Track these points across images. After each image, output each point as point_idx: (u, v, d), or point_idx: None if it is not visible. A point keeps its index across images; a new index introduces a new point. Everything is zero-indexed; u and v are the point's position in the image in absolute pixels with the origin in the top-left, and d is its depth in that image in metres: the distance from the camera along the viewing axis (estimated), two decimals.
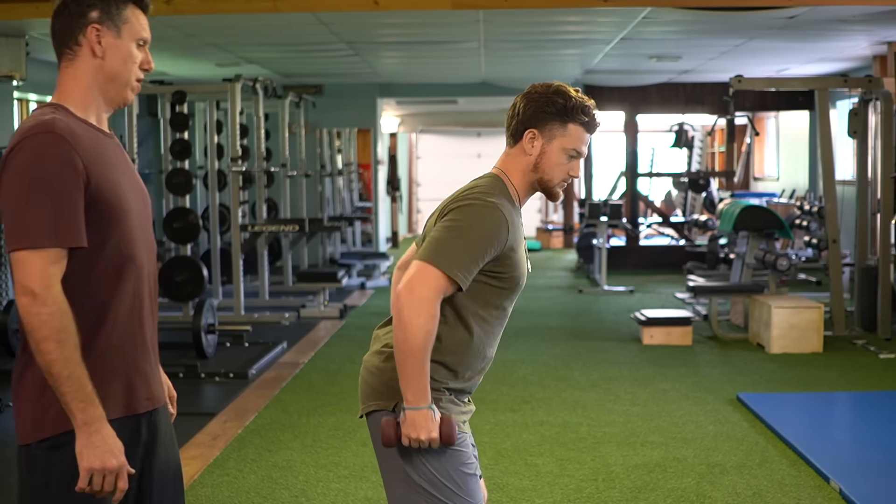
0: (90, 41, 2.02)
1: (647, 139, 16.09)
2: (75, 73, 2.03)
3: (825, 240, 8.23)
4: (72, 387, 1.89)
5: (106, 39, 2.03)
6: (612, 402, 5.75)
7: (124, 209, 2.01)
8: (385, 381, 2.30)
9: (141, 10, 2.10)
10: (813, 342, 7.14)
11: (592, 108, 2.34)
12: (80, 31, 2.02)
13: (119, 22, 2.04)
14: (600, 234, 10.90)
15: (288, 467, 4.58)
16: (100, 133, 2.04)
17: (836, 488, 4.15)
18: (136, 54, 2.08)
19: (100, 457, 1.91)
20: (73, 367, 1.88)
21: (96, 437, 1.91)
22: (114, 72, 2.04)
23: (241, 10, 6.19)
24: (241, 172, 8.57)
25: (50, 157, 1.90)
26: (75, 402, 1.90)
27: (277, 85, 11.08)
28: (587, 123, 2.33)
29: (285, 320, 8.57)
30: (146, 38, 2.10)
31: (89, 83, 2.04)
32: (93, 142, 1.99)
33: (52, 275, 1.89)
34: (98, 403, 1.92)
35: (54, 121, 1.93)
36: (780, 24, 7.57)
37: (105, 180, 1.97)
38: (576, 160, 2.35)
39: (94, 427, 1.91)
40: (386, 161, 15.69)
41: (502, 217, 2.25)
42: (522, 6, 6.34)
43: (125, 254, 2.02)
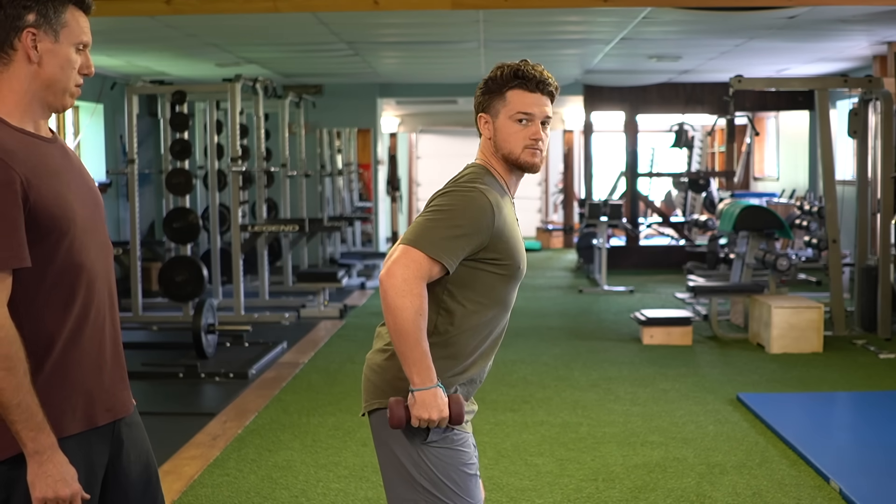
0: (25, 46, 1.90)
1: (647, 139, 16.08)
2: (10, 80, 1.92)
3: (825, 240, 8.23)
4: (21, 415, 1.83)
5: (43, 44, 1.91)
6: (612, 402, 5.75)
7: (70, 218, 1.92)
8: (388, 379, 2.29)
9: (82, 11, 1.97)
10: (813, 342, 7.14)
11: (529, 68, 2.33)
12: (15, 35, 1.90)
13: (57, 26, 1.92)
14: (600, 234, 10.90)
15: (288, 467, 4.58)
16: (39, 140, 1.95)
17: (836, 488, 4.15)
18: (74, 59, 1.95)
19: (52, 486, 1.87)
20: (22, 394, 1.82)
21: (48, 466, 1.86)
22: (51, 78, 1.93)
23: (241, 10, 6.19)
24: (241, 172, 8.57)
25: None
26: (25, 431, 1.84)
27: (277, 85, 11.09)
28: (525, 82, 2.32)
29: (285, 320, 8.57)
30: (87, 42, 1.98)
31: (25, 90, 1.92)
32: (30, 153, 1.90)
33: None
34: (49, 431, 1.87)
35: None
36: (780, 24, 7.57)
37: (46, 192, 1.88)
38: (531, 123, 2.31)
39: (46, 456, 1.86)
40: (386, 161, 15.69)
41: (486, 201, 2.23)
42: (522, 6, 6.34)
43: (76, 263, 1.94)
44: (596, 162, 13.30)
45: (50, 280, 1.91)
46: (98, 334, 2.01)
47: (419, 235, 2.20)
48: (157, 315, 8.74)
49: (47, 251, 1.89)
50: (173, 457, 4.74)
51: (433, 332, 2.25)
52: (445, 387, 2.24)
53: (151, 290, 9.91)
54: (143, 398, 6.00)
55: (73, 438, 1.94)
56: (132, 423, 2.11)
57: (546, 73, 2.36)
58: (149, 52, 8.92)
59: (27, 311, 1.88)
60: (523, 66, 2.35)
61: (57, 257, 1.91)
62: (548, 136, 2.37)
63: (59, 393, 1.93)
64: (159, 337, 8.00)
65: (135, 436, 2.10)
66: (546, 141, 2.36)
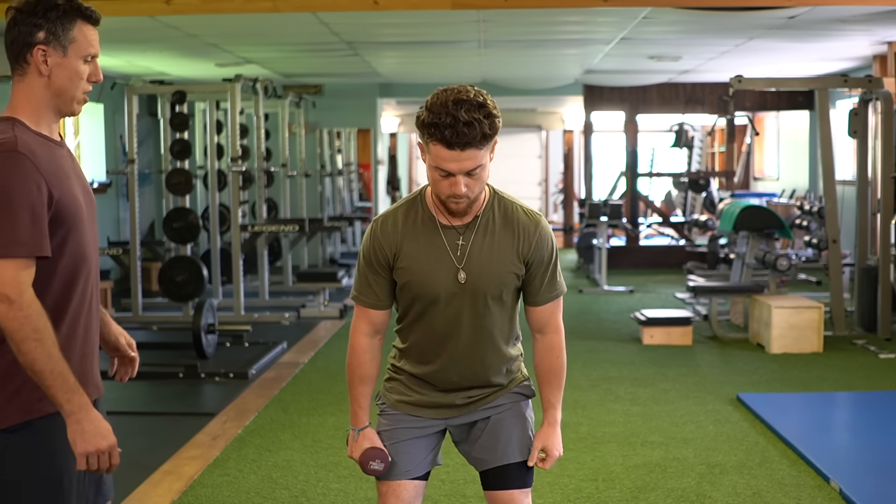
0: (36, 61, 2.11)
1: (647, 139, 16.08)
2: (25, 89, 2.14)
3: (825, 240, 8.23)
4: (55, 380, 2.03)
5: (52, 59, 2.11)
6: (612, 402, 5.75)
7: (78, 215, 2.15)
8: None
9: (91, 25, 2.16)
10: (813, 342, 7.14)
11: (446, 118, 2.23)
12: (28, 51, 2.11)
13: (66, 41, 2.12)
14: (600, 234, 10.90)
15: (288, 467, 4.58)
16: (52, 143, 2.16)
17: (836, 488, 4.15)
18: (82, 70, 2.16)
19: (91, 440, 2.07)
20: (54, 362, 2.03)
21: (85, 423, 2.06)
22: (60, 88, 2.14)
23: (241, 10, 6.19)
24: (241, 172, 8.57)
25: (16, 174, 2.02)
26: (61, 394, 2.04)
27: (277, 85, 11.09)
28: (441, 139, 2.25)
29: (285, 320, 8.57)
30: (94, 54, 2.17)
31: (39, 98, 2.14)
32: (50, 155, 2.11)
33: (23, 281, 2.03)
34: (82, 392, 2.07)
35: (16, 140, 2.05)
36: (780, 24, 7.56)
37: (64, 192, 2.11)
38: (452, 177, 2.29)
39: (82, 414, 2.06)
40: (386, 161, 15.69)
41: (372, 230, 2.46)
42: (522, 6, 6.34)
43: (80, 254, 2.16)
44: (596, 162, 13.30)
45: (60, 269, 2.12)
46: (92, 319, 2.23)
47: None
48: (157, 315, 8.74)
49: (60, 243, 2.10)
50: (173, 457, 4.74)
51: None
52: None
53: (151, 290, 9.92)
54: (143, 398, 6.01)
55: None
56: (100, 401, 2.32)
57: (468, 123, 2.22)
58: (149, 52, 8.91)
59: (41, 295, 2.07)
60: (445, 112, 2.23)
61: (66, 249, 2.12)
62: (480, 177, 2.32)
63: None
64: (159, 337, 8.00)
65: (102, 412, 2.27)
66: (479, 182, 2.32)
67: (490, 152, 2.33)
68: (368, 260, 2.44)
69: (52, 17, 2.09)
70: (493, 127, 2.27)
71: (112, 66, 9.91)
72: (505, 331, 2.50)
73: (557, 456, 2.53)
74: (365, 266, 2.45)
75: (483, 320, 2.44)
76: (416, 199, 2.46)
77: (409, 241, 2.41)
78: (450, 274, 2.40)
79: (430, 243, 2.41)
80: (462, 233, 2.41)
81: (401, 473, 2.50)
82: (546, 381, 2.54)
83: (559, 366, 2.53)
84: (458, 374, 2.49)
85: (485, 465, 2.53)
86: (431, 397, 2.51)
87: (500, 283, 2.43)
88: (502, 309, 2.47)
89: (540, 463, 2.52)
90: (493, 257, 2.41)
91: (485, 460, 2.53)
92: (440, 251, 2.41)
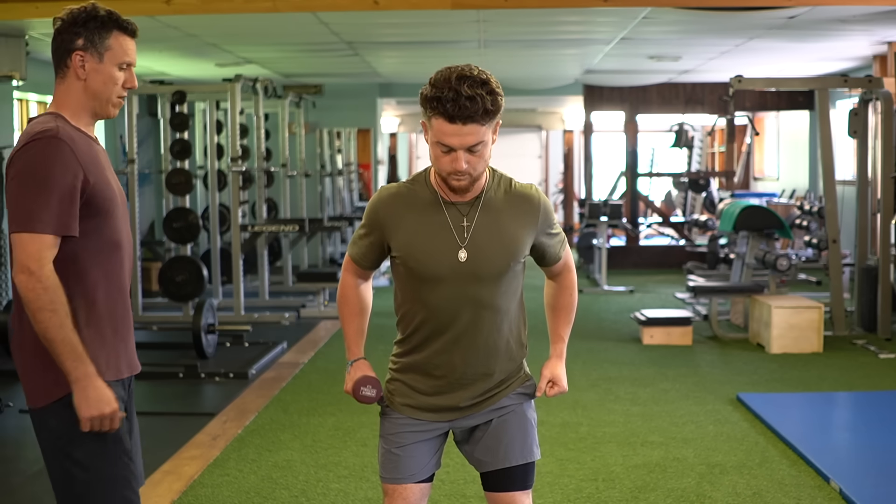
0: (75, 66, 2.34)
1: (647, 139, 16.08)
2: (66, 90, 2.38)
3: (825, 240, 8.23)
4: (65, 348, 2.23)
5: (89, 64, 2.35)
6: (612, 402, 5.75)
7: (116, 203, 2.37)
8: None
9: (128, 35, 2.38)
10: (813, 342, 7.14)
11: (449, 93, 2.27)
12: (68, 56, 2.35)
13: (102, 49, 2.35)
14: (600, 234, 10.90)
15: (288, 467, 4.58)
16: (90, 139, 2.38)
17: (836, 488, 4.15)
18: (117, 76, 2.38)
19: (94, 406, 2.26)
20: (65, 332, 2.23)
21: (90, 390, 2.26)
22: (95, 92, 2.37)
23: (241, 10, 6.19)
24: (241, 172, 8.57)
25: (54, 158, 2.24)
26: (69, 361, 2.24)
27: (277, 85, 11.08)
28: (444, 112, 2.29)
29: (285, 320, 8.57)
30: (129, 62, 2.39)
31: (77, 98, 2.37)
32: (87, 147, 2.34)
33: (45, 256, 2.23)
34: (88, 362, 2.26)
35: (58, 128, 2.28)
36: (780, 24, 7.56)
37: (99, 180, 2.32)
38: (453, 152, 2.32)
39: (88, 381, 2.26)
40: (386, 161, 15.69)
41: (377, 197, 2.48)
42: (522, 6, 6.33)
43: (115, 240, 2.38)
44: (596, 162, 13.30)
45: (96, 251, 2.34)
46: (123, 301, 2.43)
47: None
48: (157, 315, 8.74)
49: (96, 227, 2.32)
50: (173, 457, 4.74)
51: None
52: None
53: (151, 290, 9.92)
54: (143, 398, 6.00)
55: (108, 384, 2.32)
56: (132, 380, 2.50)
57: (470, 98, 2.26)
58: (149, 52, 8.91)
59: (76, 275, 2.31)
60: (448, 87, 2.26)
61: (103, 233, 2.35)
62: (482, 155, 2.33)
63: (98, 346, 2.33)
64: (159, 337, 8.00)
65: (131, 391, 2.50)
66: (480, 160, 2.34)
67: (493, 133, 2.35)
68: (366, 222, 2.50)
69: (91, 26, 2.33)
70: (495, 103, 2.30)
71: None
72: (510, 313, 2.50)
73: (564, 388, 2.64)
74: (362, 227, 2.52)
75: (486, 300, 2.44)
76: (420, 176, 2.48)
77: (410, 215, 2.42)
78: (450, 252, 2.40)
79: (431, 220, 2.41)
80: (466, 213, 2.42)
81: (406, 477, 2.50)
82: (557, 316, 2.68)
83: (571, 302, 2.69)
84: (462, 359, 2.47)
85: (486, 466, 2.53)
86: (435, 399, 2.50)
87: (507, 260, 2.44)
88: (506, 289, 2.47)
89: (548, 391, 2.62)
90: (498, 235, 2.42)
91: (486, 462, 2.53)
92: (442, 229, 2.41)
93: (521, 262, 2.50)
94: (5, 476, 4.52)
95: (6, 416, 5.50)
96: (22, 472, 4.58)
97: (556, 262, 2.61)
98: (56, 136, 2.25)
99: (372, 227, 2.48)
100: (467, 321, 2.44)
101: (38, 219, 2.22)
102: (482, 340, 2.47)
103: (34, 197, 2.23)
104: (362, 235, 2.51)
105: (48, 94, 9.65)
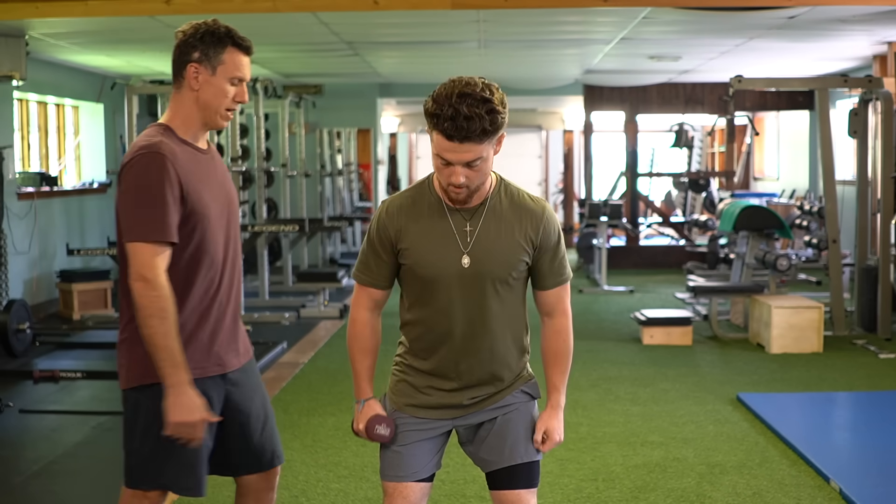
0: (189, 77, 2.49)
1: (647, 139, 16.08)
2: (179, 99, 2.52)
3: (825, 240, 8.23)
4: (166, 355, 2.38)
5: (202, 76, 2.49)
6: (612, 402, 5.75)
7: (205, 215, 2.49)
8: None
9: (242, 52, 2.52)
10: (813, 342, 7.14)
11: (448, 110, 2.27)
12: (184, 68, 2.49)
13: (215, 63, 2.48)
14: (600, 234, 10.90)
15: (288, 467, 4.58)
16: (195, 150, 2.53)
17: (836, 488, 4.15)
18: (228, 90, 2.51)
19: (183, 413, 2.41)
20: (169, 340, 2.38)
21: (182, 398, 2.40)
22: (206, 103, 2.50)
23: (241, 10, 6.19)
24: (241, 172, 8.57)
25: (156, 171, 2.39)
26: (168, 368, 2.39)
27: (277, 85, 11.08)
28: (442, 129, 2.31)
29: (285, 320, 8.57)
30: (241, 77, 2.53)
31: (188, 109, 2.51)
32: (189, 159, 2.48)
33: (158, 264, 2.39)
34: (186, 369, 2.41)
35: (161, 143, 2.43)
36: (780, 24, 7.56)
37: (194, 192, 2.46)
38: (451, 166, 2.34)
39: (182, 389, 2.40)
40: (386, 161, 15.69)
41: (382, 208, 2.50)
42: (522, 6, 6.33)
43: (203, 250, 2.50)
44: (596, 162, 13.29)
45: (185, 257, 2.46)
46: (218, 307, 2.56)
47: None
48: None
49: (188, 234, 2.46)
50: None
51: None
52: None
53: None
54: None
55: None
56: (244, 370, 2.66)
57: (469, 119, 2.24)
58: (149, 52, 8.91)
59: (172, 281, 2.42)
60: (448, 104, 2.25)
61: (190, 243, 2.47)
62: (481, 170, 2.34)
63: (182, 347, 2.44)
64: None
65: (249, 381, 2.67)
66: (479, 175, 2.34)
67: (495, 145, 2.35)
68: (372, 241, 2.49)
69: (208, 40, 2.47)
70: (494, 123, 2.29)
71: (112, 66, 9.91)
72: (513, 319, 2.51)
73: (558, 441, 2.56)
74: (368, 247, 2.51)
75: (489, 306, 2.45)
76: (423, 183, 2.50)
77: (415, 224, 2.43)
78: (454, 258, 2.42)
79: (435, 227, 2.43)
80: (469, 218, 2.43)
81: (408, 475, 2.50)
82: (552, 364, 2.59)
83: (566, 349, 2.58)
84: (466, 364, 2.48)
85: (492, 465, 2.54)
86: (438, 398, 2.51)
87: (507, 268, 2.44)
88: (509, 295, 2.48)
89: (540, 445, 2.54)
90: (500, 242, 2.43)
91: (492, 461, 2.53)
92: (446, 235, 2.42)
93: (525, 270, 2.50)
94: (5, 476, 4.52)
95: (6, 416, 5.50)
96: (22, 472, 4.58)
97: (547, 287, 2.53)
98: (158, 150, 2.40)
99: (382, 243, 2.48)
100: (471, 327, 2.46)
101: (148, 227, 2.38)
102: (486, 345, 2.48)
103: (144, 207, 2.38)
104: (372, 256, 2.49)
105: (48, 94, 9.66)
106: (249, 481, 2.72)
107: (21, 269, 8.58)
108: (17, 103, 8.95)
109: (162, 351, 2.38)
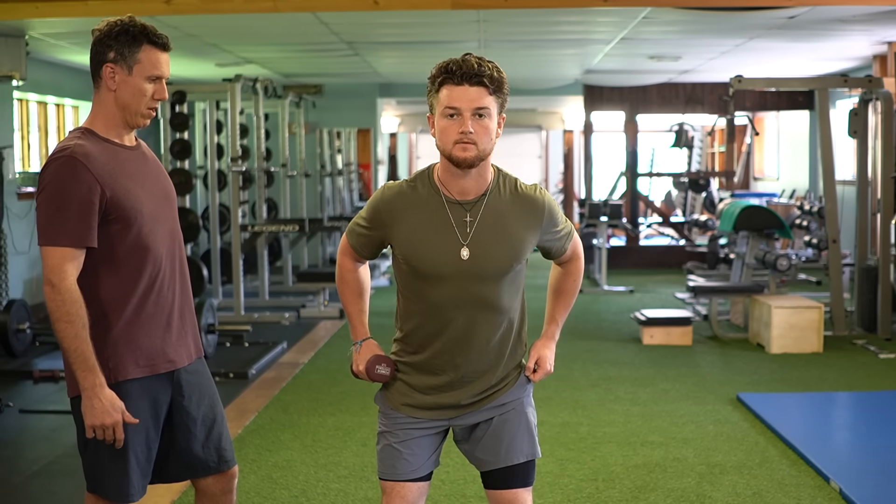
0: (106, 77, 2.47)
1: (647, 139, 16.08)
2: (99, 100, 2.50)
3: (825, 240, 8.23)
4: (77, 359, 2.37)
5: (119, 76, 2.46)
6: (612, 402, 5.75)
7: (139, 210, 2.46)
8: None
9: (158, 49, 2.49)
10: (813, 342, 7.14)
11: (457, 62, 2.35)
12: (100, 68, 2.47)
13: (131, 62, 2.46)
14: (600, 234, 10.90)
15: (288, 467, 4.58)
16: (120, 148, 2.50)
17: (836, 488, 4.15)
18: (146, 89, 2.48)
19: (98, 415, 2.40)
20: (79, 343, 2.36)
21: (95, 400, 2.39)
22: (125, 103, 2.48)
23: (241, 10, 6.19)
24: (241, 172, 8.57)
25: (67, 176, 2.37)
26: (79, 371, 2.38)
27: (277, 85, 11.09)
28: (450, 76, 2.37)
29: (285, 320, 8.57)
30: (159, 75, 2.49)
31: (109, 109, 2.49)
32: (112, 158, 2.45)
33: (66, 269, 2.37)
34: (98, 373, 2.39)
35: (76, 146, 2.40)
36: (780, 24, 7.57)
37: (121, 189, 2.43)
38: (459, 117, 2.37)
39: (95, 391, 2.39)
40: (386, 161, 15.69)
41: (380, 196, 2.47)
42: (522, 6, 6.34)
43: (142, 246, 2.47)
44: (596, 162, 13.30)
45: (120, 258, 2.45)
46: (164, 303, 2.54)
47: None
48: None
49: (117, 234, 2.44)
50: None
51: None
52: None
53: None
54: None
55: (137, 381, 2.49)
56: (194, 371, 2.63)
57: (478, 63, 2.33)
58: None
59: (102, 281, 2.45)
60: (455, 60, 2.35)
61: (126, 240, 2.45)
62: (488, 127, 2.35)
63: (126, 346, 2.48)
64: None
65: (198, 381, 2.64)
66: (486, 133, 2.35)
67: (498, 114, 2.38)
68: (367, 216, 2.51)
69: (122, 39, 2.44)
70: (499, 76, 2.35)
71: None
72: (511, 311, 2.50)
73: (548, 370, 2.61)
74: (362, 219, 2.52)
75: (487, 298, 2.44)
76: (424, 173, 2.49)
77: (412, 212, 2.42)
78: (452, 250, 2.41)
79: (432, 218, 2.42)
80: (469, 209, 2.42)
81: (405, 474, 2.50)
82: (557, 298, 2.67)
83: (573, 288, 2.69)
84: (463, 357, 2.47)
85: (488, 465, 2.54)
86: (436, 397, 2.50)
87: (508, 260, 2.44)
88: (507, 287, 2.47)
89: (531, 374, 2.58)
90: (502, 234, 2.42)
91: (488, 461, 2.53)
92: (444, 226, 2.41)
93: (523, 262, 2.50)
94: (5, 476, 4.52)
95: (6, 416, 5.50)
96: (22, 472, 4.58)
97: (561, 255, 2.62)
98: (70, 154, 2.39)
99: (373, 224, 2.49)
100: (468, 319, 2.45)
101: (56, 232, 2.37)
102: (483, 339, 2.47)
103: (54, 212, 2.37)
104: (362, 229, 2.52)
105: (48, 94, 9.66)
106: (206, 484, 2.68)
107: (21, 269, 8.58)
108: (17, 103, 8.95)
109: (71, 354, 2.37)
